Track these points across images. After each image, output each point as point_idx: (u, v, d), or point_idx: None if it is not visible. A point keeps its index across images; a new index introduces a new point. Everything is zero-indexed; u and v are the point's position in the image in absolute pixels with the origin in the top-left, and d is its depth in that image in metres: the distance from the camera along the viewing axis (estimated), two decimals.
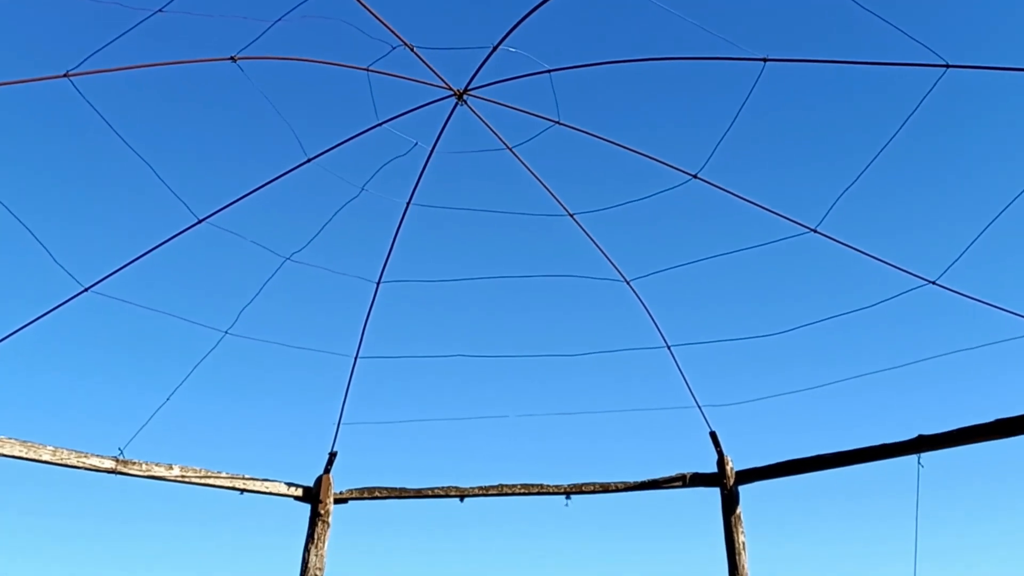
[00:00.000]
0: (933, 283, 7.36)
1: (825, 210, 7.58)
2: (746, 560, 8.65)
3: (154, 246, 7.79)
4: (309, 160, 7.88)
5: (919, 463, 7.61)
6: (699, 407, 9.04)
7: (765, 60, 6.94)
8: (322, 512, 9.05)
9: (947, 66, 6.28)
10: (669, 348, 8.96)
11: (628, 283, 8.88)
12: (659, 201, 8.28)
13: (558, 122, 7.98)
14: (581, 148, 8.38)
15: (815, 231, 7.75)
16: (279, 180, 7.93)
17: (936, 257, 7.36)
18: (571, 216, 8.66)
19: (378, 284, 9.00)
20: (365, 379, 9.30)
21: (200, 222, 7.82)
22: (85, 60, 6.33)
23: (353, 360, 9.16)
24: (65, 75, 6.37)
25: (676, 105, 10.21)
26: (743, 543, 8.70)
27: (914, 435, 7.54)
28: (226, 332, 8.44)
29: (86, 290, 7.60)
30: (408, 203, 8.62)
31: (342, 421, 9.28)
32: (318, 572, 8.83)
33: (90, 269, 7.59)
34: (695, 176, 7.92)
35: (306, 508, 9.19)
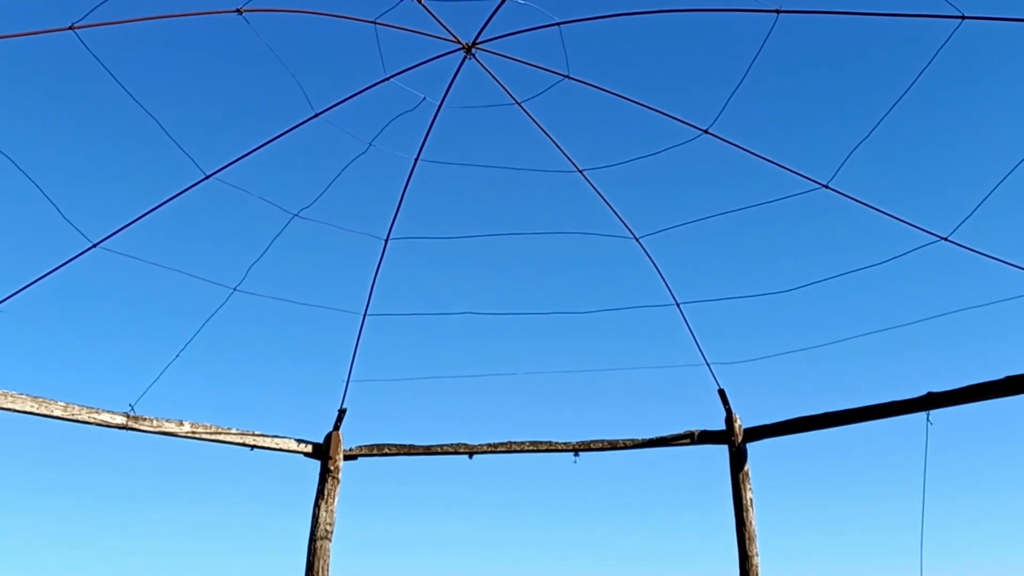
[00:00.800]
0: (945, 239, 7.30)
1: (837, 165, 7.51)
2: (753, 517, 8.69)
3: (162, 202, 7.76)
4: (316, 115, 7.82)
5: (928, 420, 7.61)
6: (708, 365, 9.03)
7: (778, 12, 6.83)
8: (332, 468, 9.11)
9: (963, 17, 6.18)
10: (678, 305, 8.93)
11: (637, 240, 8.83)
12: (669, 157, 8.21)
13: (568, 76, 7.90)
14: (591, 103, 8.31)
15: (827, 187, 7.67)
16: (286, 135, 7.88)
17: (948, 213, 7.30)
18: (580, 172, 8.60)
19: (386, 241, 8.98)
20: (374, 336, 9.31)
21: (207, 178, 7.78)
22: (90, 12, 6.26)
23: (362, 317, 9.16)
24: (70, 27, 6.30)
25: (687, 59, 10.08)
26: (751, 500, 8.73)
27: (923, 392, 7.54)
28: (234, 289, 8.44)
29: (94, 246, 7.59)
30: (416, 159, 8.57)
31: (351, 378, 9.31)
32: (328, 527, 8.90)
33: (98, 225, 7.59)
34: (706, 131, 7.84)
35: (316, 465, 9.25)
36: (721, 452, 9.03)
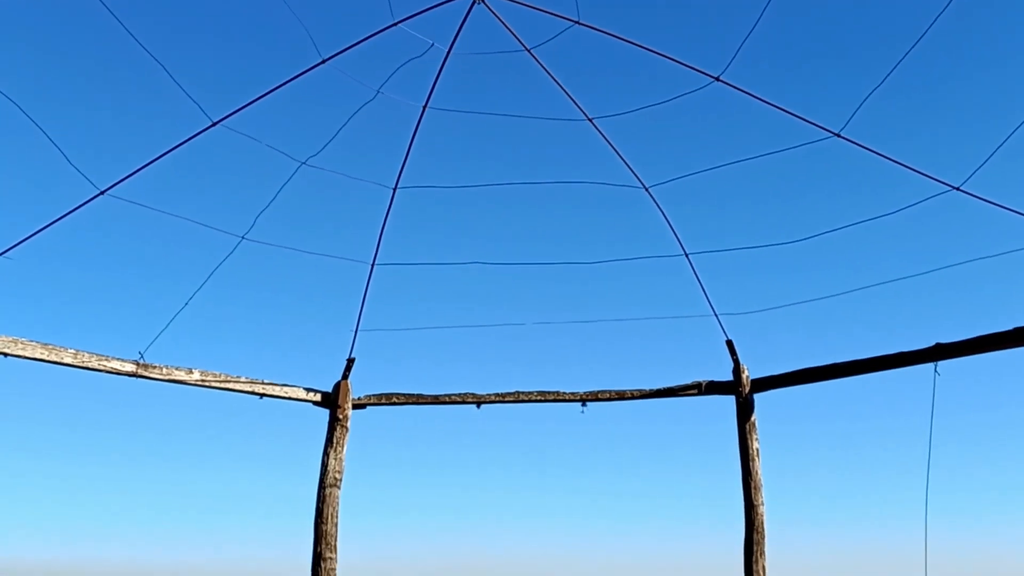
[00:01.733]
0: (957, 189, 7.23)
1: (850, 114, 7.42)
2: (759, 467, 8.75)
3: (168, 149, 7.72)
4: (323, 61, 7.74)
5: (935, 371, 7.60)
6: (716, 315, 9.03)
7: None
8: (340, 417, 9.16)
9: None
10: (687, 256, 8.90)
11: (647, 189, 8.78)
12: (680, 105, 8.12)
13: (578, 22, 7.78)
14: (601, 50, 8.19)
15: (839, 135, 7.59)
16: (293, 82, 7.80)
17: (960, 162, 7.22)
18: (590, 121, 8.52)
19: (395, 190, 8.94)
20: (382, 286, 9.31)
21: (214, 125, 7.73)
22: None
23: (370, 267, 9.16)
24: None
25: (698, 5, 9.94)
26: (757, 450, 8.79)
27: (932, 343, 7.52)
28: (243, 237, 8.43)
29: (102, 193, 7.57)
30: (424, 107, 8.50)
31: (360, 328, 9.33)
32: (337, 475, 8.98)
33: (105, 172, 7.56)
34: (717, 79, 7.74)
35: (325, 413, 9.31)
36: (728, 402, 9.07)
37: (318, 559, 8.68)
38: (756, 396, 8.97)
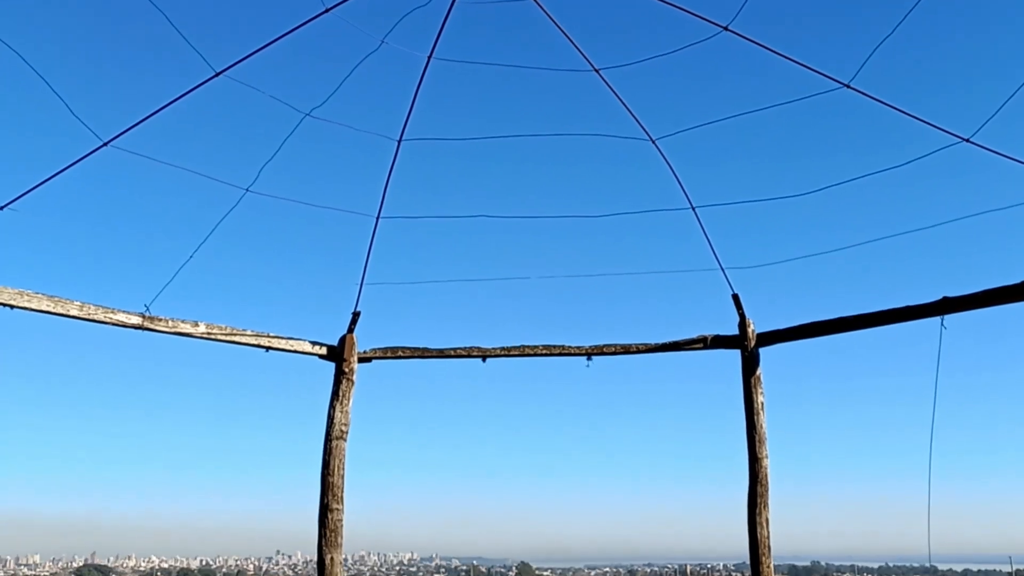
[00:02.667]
0: (967, 141, 7.15)
1: (859, 64, 7.32)
2: (764, 420, 8.77)
3: (171, 100, 7.66)
4: (327, 10, 7.63)
5: (942, 325, 7.59)
6: (722, 269, 8.99)
7: None
8: (346, 370, 9.19)
9: None
10: (694, 209, 8.84)
11: (654, 142, 8.70)
12: (688, 56, 8.03)
13: None
14: None
15: (848, 86, 7.50)
16: (297, 32, 7.71)
17: (971, 114, 7.13)
18: (596, 72, 8.42)
19: (399, 142, 8.87)
20: (387, 239, 9.28)
21: (217, 75, 7.65)
22: None
23: (375, 220, 9.12)
24: None
25: None
26: (762, 404, 8.80)
27: (938, 297, 7.50)
28: (247, 190, 8.39)
29: (105, 144, 7.53)
30: (429, 57, 8.39)
31: (365, 281, 9.32)
32: (344, 428, 9.03)
33: (109, 123, 7.51)
34: (726, 28, 7.63)
35: (331, 367, 9.33)
36: (734, 357, 9.07)
37: (325, 510, 8.76)
38: (762, 351, 8.96)
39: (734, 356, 9.07)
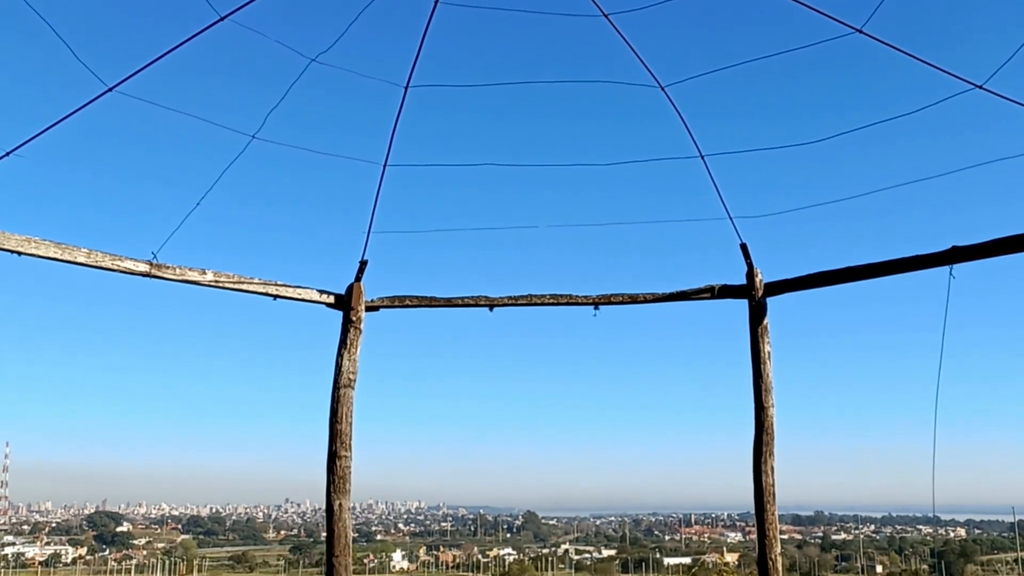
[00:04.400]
0: (980, 87, 7.06)
1: (872, 8, 7.20)
2: (770, 369, 8.78)
3: (176, 44, 7.58)
4: None
5: (951, 274, 7.57)
6: (731, 218, 8.95)
7: None
8: (354, 319, 9.19)
9: None
10: (703, 158, 8.77)
11: (663, 89, 8.60)
12: (697, 1, 7.91)
13: None
14: None
15: (860, 31, 7.38)
16: None
17: (984, 60, 7.03)
18: (605, 16, 8.29)
19: (406, 88, 8.78)
20: (394, 187, 9.24)
21: (222, 19, 7.56)
22: None
23: (382, 168, 9.07)
24: None
25: None
26: (768, 353, 8.81)
27: (948, 246, 7.46)
28: (253, 136, 8.35)
29: (110, 90, 7.48)
30: (436, 1, 8.28)
31: (372, 230, 9.28)
32: (351, 376, 9.07)
33: (114, 68, 7.45)
34: None
35: (338, 316, 9.33)
36: (742, 308, 9.05)
37: (333, 457, 8.83)
38: (770, 305, 8.93)
39: (742, 307, 9.05)
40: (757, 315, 8.89)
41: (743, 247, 9.02)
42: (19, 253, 7.12)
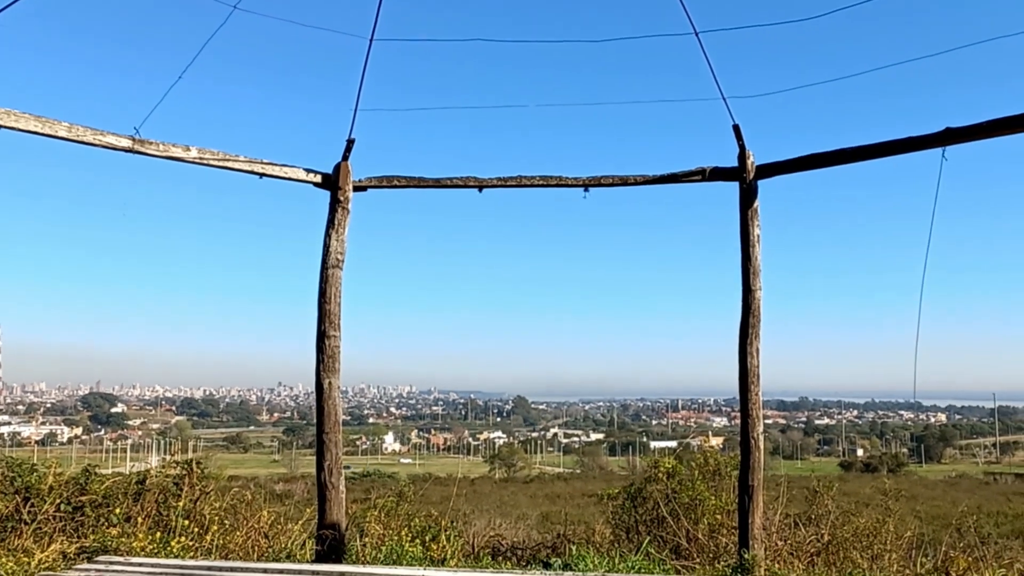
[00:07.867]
0: None
1: None
2: (759, 253, 8.77)
3: None
4: None
5: (943, 156, 7.50)
6: (724, 98, 8.79)
7: None
8: (342, 199, 9.11)
9: None
10: (696, 34, 8.56)
11: None
12: None
13: None
14: None
15: None
16: None
17: None
18: None
19: None
20: (381, 64, 9.02)
21: None
22: None
23: (368, 42, 8.83)
24: None
25: None
26: (758, 236, 8.78)
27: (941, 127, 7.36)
28: (235, 7, 8.12)
29: None
30: None
31: (359, 107, 9.10)
32: (339, 256, 9.04)
33: None
34: None
35: (326, 195, 9.24)
36: (734, 192, 8.97)
37: (323, 337, 8.89)
38: (762, 193, 8.86)
39: (735, 193, 8.97)
40: (748, 197, 8.83)
41: (735, 128, 8.89)
42: None
